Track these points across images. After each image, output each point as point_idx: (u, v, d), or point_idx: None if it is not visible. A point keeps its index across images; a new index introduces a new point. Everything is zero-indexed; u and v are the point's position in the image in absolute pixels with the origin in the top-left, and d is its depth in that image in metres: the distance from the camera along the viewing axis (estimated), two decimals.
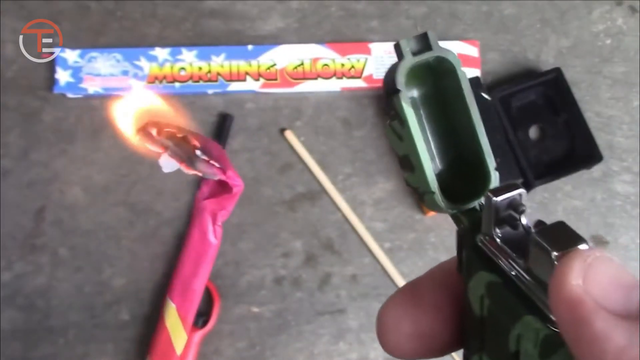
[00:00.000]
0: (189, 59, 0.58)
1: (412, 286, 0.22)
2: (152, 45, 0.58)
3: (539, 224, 0.17)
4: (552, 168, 0.57)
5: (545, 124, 0.59)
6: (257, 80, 0.58)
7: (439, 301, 0.21)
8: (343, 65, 0.59)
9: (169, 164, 0.36)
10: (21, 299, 0.55)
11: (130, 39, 0.59)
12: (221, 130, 0.57)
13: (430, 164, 0.20)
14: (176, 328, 0.49)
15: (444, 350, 0.21)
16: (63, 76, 0.57)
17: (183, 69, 0.58)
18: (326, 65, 0.59)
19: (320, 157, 0.58)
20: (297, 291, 0.56)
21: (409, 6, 0.61)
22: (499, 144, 0.55)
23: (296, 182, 0.58)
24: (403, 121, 0.20)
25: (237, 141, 0.58)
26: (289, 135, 0.58)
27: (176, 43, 0.59)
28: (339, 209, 0.57)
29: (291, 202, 0.57)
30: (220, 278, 0.56)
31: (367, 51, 0.59)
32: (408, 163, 0.20)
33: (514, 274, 0.18)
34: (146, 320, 0.55)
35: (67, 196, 0.56)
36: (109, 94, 0.57)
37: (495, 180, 0.20)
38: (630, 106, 0.61)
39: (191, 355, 0.53)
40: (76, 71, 0.57)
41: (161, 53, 0.58)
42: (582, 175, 0.59)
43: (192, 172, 0.36)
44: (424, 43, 0.20)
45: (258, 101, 0.59)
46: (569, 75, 0.59)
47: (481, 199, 0.20)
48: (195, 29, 0.59)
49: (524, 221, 0.18)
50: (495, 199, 0.18)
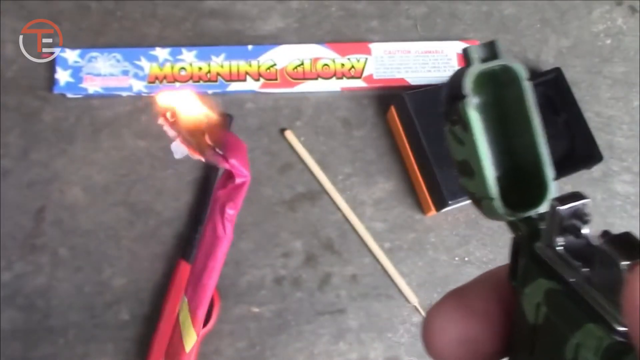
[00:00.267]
0: (189, 59, 0.58)
1: (459, 292, 0.22)
2: (152, 45, 0.58)
3: (605, 234, 0.17)
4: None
5: (545, 124, 0.59)
6: (257, 80, 0.58)
7: (487, 308, 0.21)
8: (343, 65, 0.59)
9: (179, 149, 0.37)
10: (21, 299, 0.55)
11: (130, 39, 0.59)
12: None
13: (492, 170, 0.20)
14: (186, 323, 0.49)
15: (489, 358, 0.21)
16: (63, 76, 0.57)
17: (183, 69, 0.58)
18: (326, 65, 0.59)
19: (320, 157, 0.58)
20: (297, 291, 0.56)
21: (409, 6, 0.61)
22: None
23: (296, 182, 0.58)
24: (467, 126, 0.20)
25: None
26: (289, 135, 0.58)
27: (176, 43, 0.59)
28: (339, 209, 0.57)
29: (291, 202, 0.57)
30: (221, 278, 0.56)
31: (367, 51, 0.59)
32: (467, 168, 0.21)
33: (575, 282, 0.18)
34: (146, 320, 0.55)
35: (67, 196, 0.56)
36: (109, 94, 0.57)
37: (554, 191, 0.21)
38: (630, 106, 0.61)
39: (191, 355, 0.53)
40: (76, 71, 0.57)
41: (161, 53, 0.58)
42: (582, 175, 0.59)
43: (198, 157, 0.38)
44: (491, 51, 0.20)
45: (258, 101, 0.59)
46: (569, 75, 0.59)
47: (539, 208, 0.20)
48: (195, 29, 0.60)
49: (587, 231, 0.18)
50: (560, 208, 0.18)
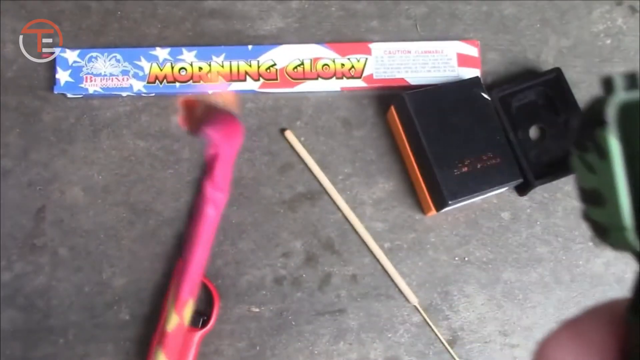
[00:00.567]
0: (189, 59, 0.58)
1: (574, 324, 0.21)
2: (152, 45, 0.58)
3: None
4: (552, 168, 0.57)
5: (545, 124, 0.59)
6: (257, 80, 0.58)
7: (604, 340, 0.21)
8: (343, 65, 0.59)
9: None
10: (21, 299, 0.55)
11: (130, 39, 0.59)
12: None
13: (628, 200, 0.20)
14: (171, 307, 0.50)
15: None
16: (63, 76, 0.57)
17: (183, 69, 0.58)
18: (326, 65, 0.58)
19: (320, 157, 0.58)
20: (297, 291, 0.56)
21: (409, 6, 0.61)
22: (499, 144, 0.55)
23: (296, 182, 0.58)
24: (605, 154, 0.20)
25: None
26: (289, 135, 0.58)
27: (176, 43, 0.59)
28: (339, 209, 0.57)
29: (291, 202, 0.57)
30: (220, 278, 0.56)
31: (367, 51, 0.59)
32: (596, 197, 0.20)
33: None
34: (146, 320, 0.55)
35: (67, 196, 0.56)
36: (109, 94, 0.57)
37: None
38: None
39: (191, 355, 0.53)
40: (76, 71, 0.57)
41: (161, 53, 0.58)
42: None
43: (185, 128, 0.44)
44: (631, 82, 0.20)
45: (258, 101, 0.59)
46: (569, 75, 0.59)
47: None
48: (195, 29, 0.60)
49: None
50: None
